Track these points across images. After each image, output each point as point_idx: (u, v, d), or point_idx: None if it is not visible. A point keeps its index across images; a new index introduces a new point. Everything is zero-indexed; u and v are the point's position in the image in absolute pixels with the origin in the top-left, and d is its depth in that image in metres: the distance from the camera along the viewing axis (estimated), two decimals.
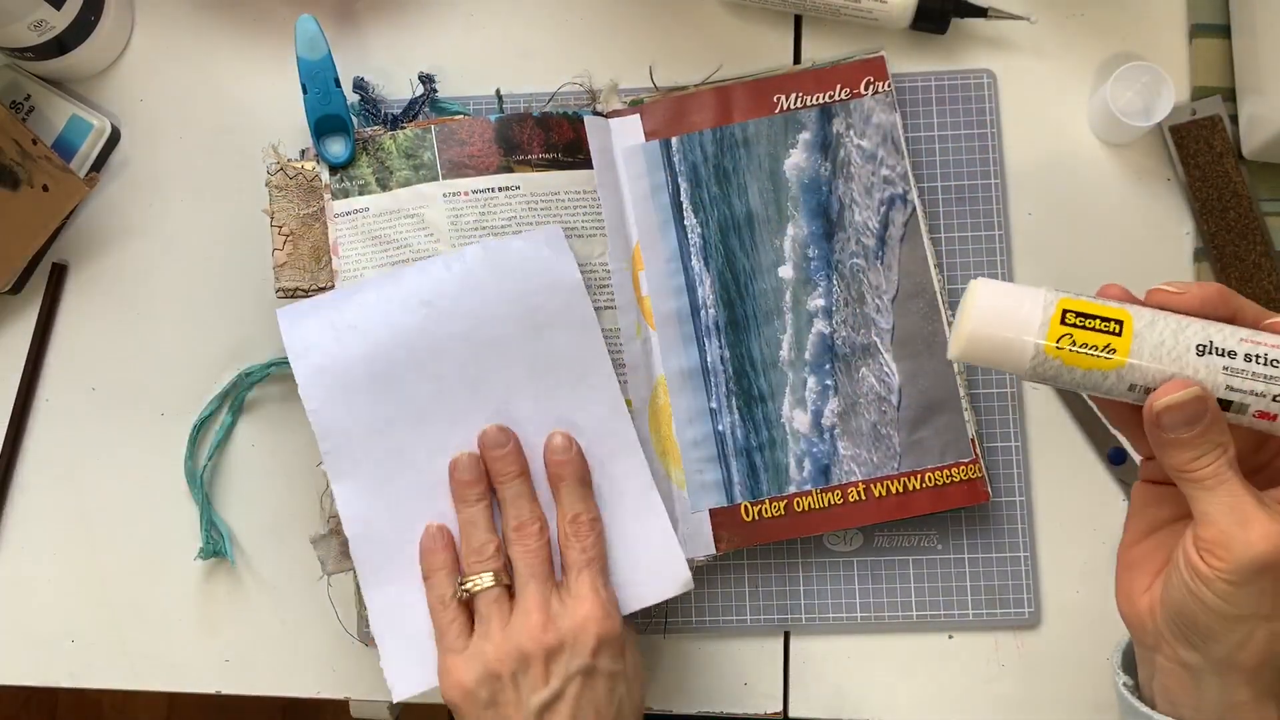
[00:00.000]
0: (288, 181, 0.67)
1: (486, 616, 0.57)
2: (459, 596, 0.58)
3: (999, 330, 0.46)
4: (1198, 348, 0.44)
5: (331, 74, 0.66)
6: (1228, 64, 0.69)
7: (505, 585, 0.58)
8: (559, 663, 0.55)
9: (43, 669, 0.70)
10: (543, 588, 0.57)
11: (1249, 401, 0.44)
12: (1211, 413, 0.43)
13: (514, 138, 0.66)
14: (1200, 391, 0.43)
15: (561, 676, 0.55)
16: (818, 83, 0.69)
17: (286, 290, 0.66)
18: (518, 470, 0.61)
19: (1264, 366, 0.44)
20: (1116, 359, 0.45)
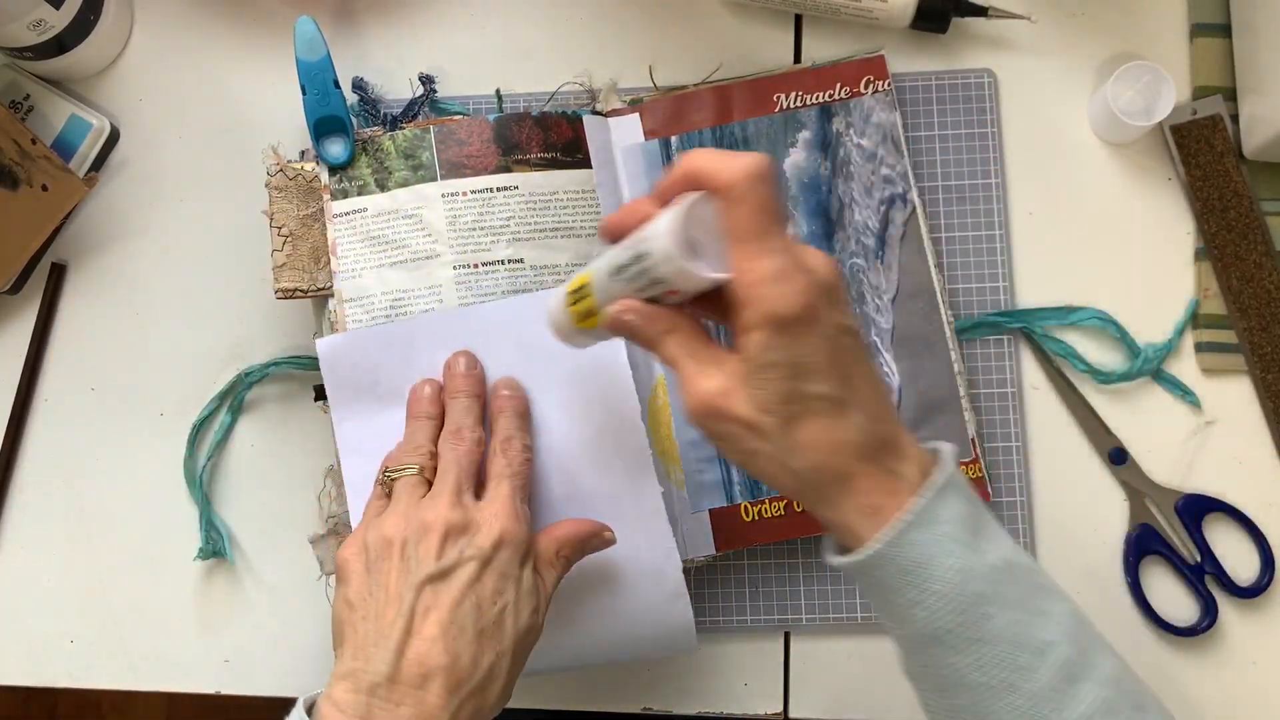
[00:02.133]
0: (287, 182, 0.67)
1: (399, 496, 0.57)
2: (381, 485, 0.58)
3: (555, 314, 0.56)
4: (614, 271, 0.51)
5: (330, 75, 0.66)
6: (1228, 64, 0.69)
7: (426, 480, 0.57)
8: (455, 543, 0.54)
9: (43, 669, 0.70)
10: (460, 479, 0.56)
11: (657, 293, 0.50)
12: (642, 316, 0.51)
13: (512, 137, 0.66)
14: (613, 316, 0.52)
15: (455, 556, 0.53)
16: (817, 82, 0.69)
17: (286, 291, 0.66)
18: (471, 391, 0.61)
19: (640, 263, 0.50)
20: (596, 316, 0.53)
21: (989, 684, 0.47)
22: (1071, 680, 0.47)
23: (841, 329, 0.48)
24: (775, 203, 0.47)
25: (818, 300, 0.47)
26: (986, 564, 0.48)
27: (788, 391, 0.47)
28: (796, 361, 0.47)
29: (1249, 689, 0.66)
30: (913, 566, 0.47)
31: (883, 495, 0.48)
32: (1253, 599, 0.66)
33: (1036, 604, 0.48)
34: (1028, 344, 0.68)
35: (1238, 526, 0.67)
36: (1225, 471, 0.67)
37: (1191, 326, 0.68)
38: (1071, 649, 0.47)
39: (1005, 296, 0.68)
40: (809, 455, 0.48)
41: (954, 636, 0.47)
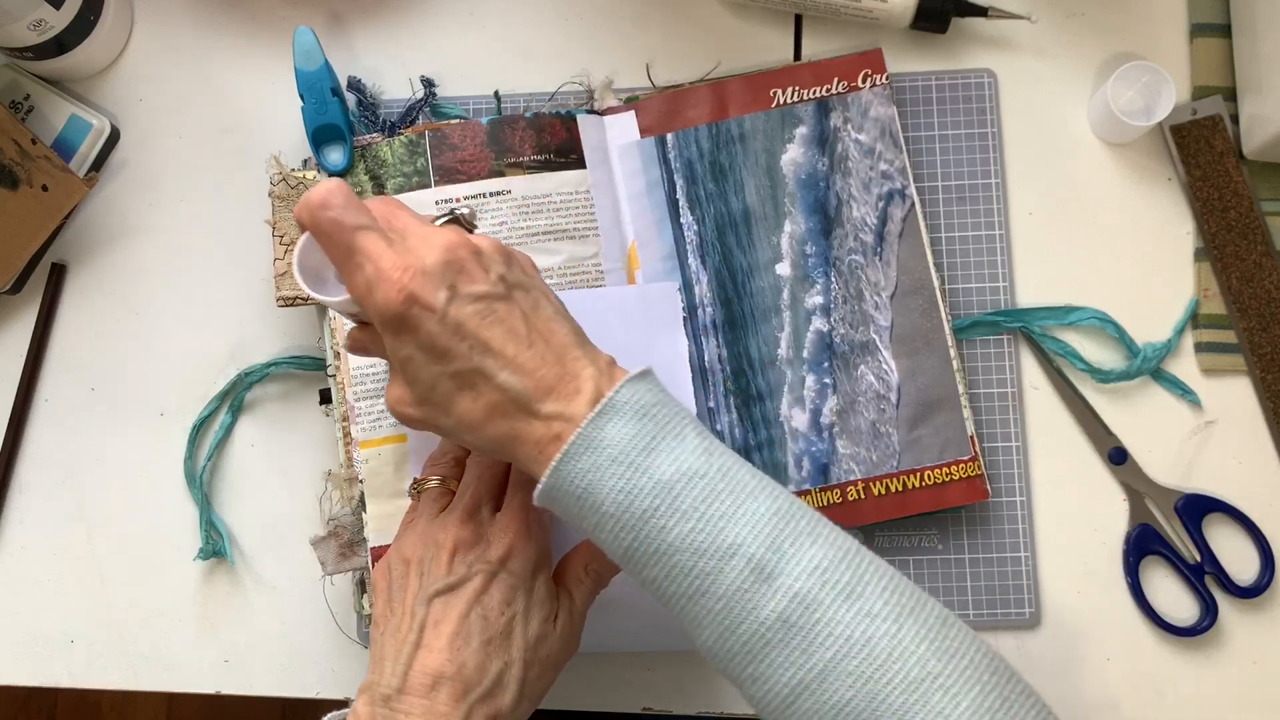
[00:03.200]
0: (289, 191, 0.67)
1: (421, 512, 0.59)
2: (410, 494, 0.61)
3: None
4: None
5: (328, 84, 0.66)
6: (1228, 64, 0.69)
7: (450, 490, 0.59)
8: (464, 557, 0.55)
9: (43, 669, 0.70)
10: (478, 495, 0.58)
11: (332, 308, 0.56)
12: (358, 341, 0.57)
13: (505, 140, 0.66)
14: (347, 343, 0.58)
15: (463, 570, 0.55)
16: (814, 76, 0.68)
17: (287, 299, 0.66)
18: None
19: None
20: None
21: (681, 593, 0.49)
22: (763, 579, 0.47)
23: (465, 300, 0.50)
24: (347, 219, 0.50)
25: (419, 289, 0.49)
26: (656, 479, 0.48)
27: (430, 379, 0.51)
28: (424, 350, 0.50)
29: (1249, 689, 0.66)
30: (581, 493, 0.49)
31: (547, 440, 0.50)
32: (1253, 599, 0.66)
33: (720, 509, 0.48)
34: (1027, 343, 0.68)
35: (1238, 526, 0.67)
36: (1225, 471, 0.67)
37: (1191, 326, 0.68)
38: (762, 548, 0.48)
39: (1005, 296, 0.68)
40: (472, 428, 0.51)
41: (638, 553, 0.49)
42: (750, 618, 0.47)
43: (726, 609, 0.48)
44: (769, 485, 0.50)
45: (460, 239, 0.51)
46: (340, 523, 0.66)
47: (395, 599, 0.56)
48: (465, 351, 0.50)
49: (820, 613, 0.47)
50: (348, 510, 0.66)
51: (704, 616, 0.49)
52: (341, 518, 0.66)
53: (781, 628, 0.47)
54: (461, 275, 0.50)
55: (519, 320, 0.51)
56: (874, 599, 0.47)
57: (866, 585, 0.48)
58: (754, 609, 0.47)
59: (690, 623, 0.50)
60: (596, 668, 0.68)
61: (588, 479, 0.49)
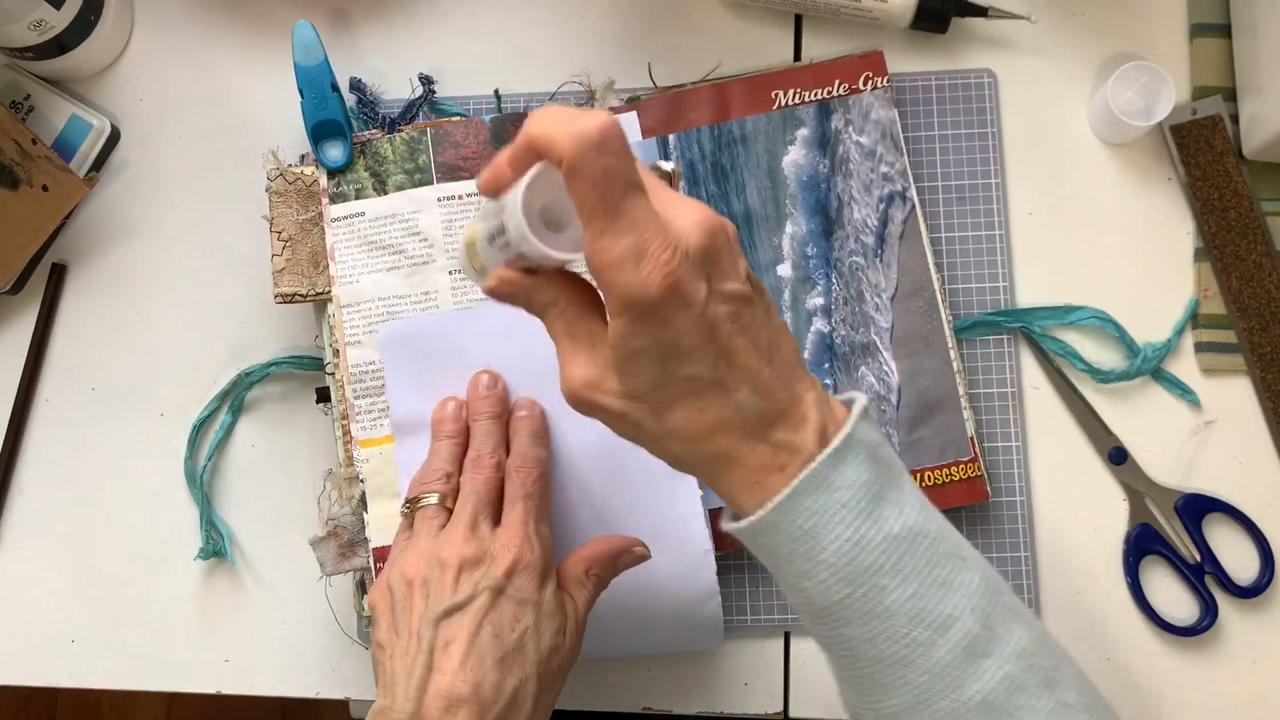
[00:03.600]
0: (287, 187, 0.67)
1: (419, 530, 0.58)
2: (404, 514, 0.60)
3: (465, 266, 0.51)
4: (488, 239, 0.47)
5: (328, 79, 0.66)
6: (1228, 63, 0.69)
7: (446, 508, 0.59)
8: (470, 575, 0.55)
9: (43, 669, 0.70)
10: (477, 510, 0.57)
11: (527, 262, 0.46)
12: (520, 289, 0.47)
13: (508, 138, 0.66)
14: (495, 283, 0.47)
15: (470, 589, 0.54)
16: (816, 78, 0.68)
17: (285, 295, 0.66)
18: (492, 412, 0.62)
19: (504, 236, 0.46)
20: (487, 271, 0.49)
21: (883, 658, 0.45)
22: (973, 656, 0.44)
23: (718, 297, 0.44)
24: (622, 171, 0.42)
25: (681, 276, 0.42)
26: (885, 533, 0.44)
27: (656, 378, 0.44)
28: (664, 347, 0.43)
29: (1249, 689, 0.66)
30: (801, 535, 0.44)
31: (769, 469, 0.45)
32: (1253, 599, 0.66)
33: (940, 575, 0.45)
34: (1027, 343, 0.68)
35: (1238, 526, 0.67)
36: (1225, 471, 0.67)
37: (1191, 326, 0.68)
38: (976, 623, 0.45)
39: (1005, 296, 0.68)
40: (686, 440, 0.46)
41: (846, 609, 0.45)
42: (954, 695, 0.45)
43: (930, 683, 0.45)
44: (972, 550, 0.47)
45: (719, 219, 0.44)
46: (340, 523, 0.66)
47: (400, 621, 0.55)
48: (711, 358, 0.44)
49: (1023, 699, 0.45)
50: (348, 510, 0.66)
51: (899, 686, 0.45)
52: (341, 517, 0.66)
53: (983, 710, 0.45)
54: (717, 266, 0.44)
55: (762, 329, 0.45)
56: (1069, 689, 0.46)
57: (1062, 673, 0.46)
58: (959, 687, 0.45)
59: (875, 688, 0.46)
60: (596, 668, 0.68)
61: (814, 520, 0.44)
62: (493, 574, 0.55)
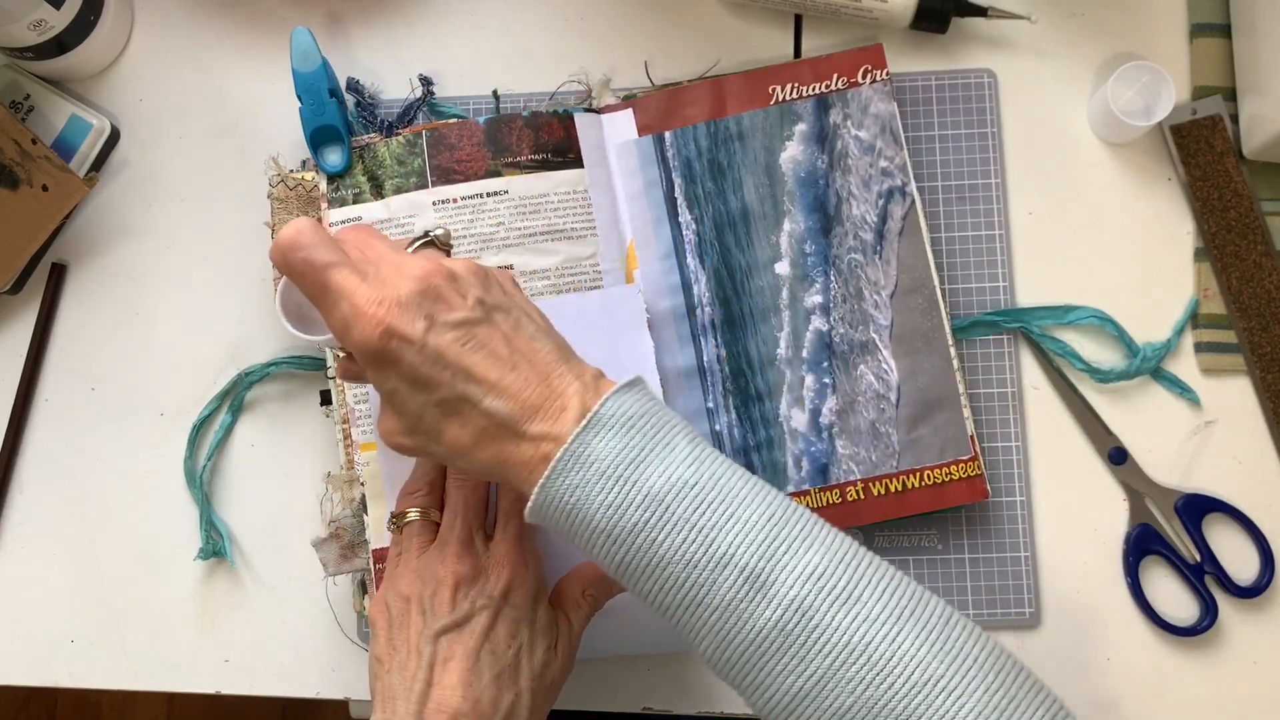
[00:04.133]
0: (288, 193, 0.67)
1: (406, 547, 0.59)
2: (390, 529, 0.60)
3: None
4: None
5: (326, 85, 0.66)
6: (1228, 63, 0.69)
7: (432, 521, 0.59)
8: (467, 592, 0.55)
9: (43, 669, 0.70)
10: (468, 524, 0.58)
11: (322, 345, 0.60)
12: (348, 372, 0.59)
13: (503, 140, 0.66)
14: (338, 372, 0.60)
15: (468, 606, 0.55)
16: (814, 72, 0.68)
17: None
18: None
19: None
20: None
21: (676, 604, 0.49)
22: (758, 587, 0.47)
23: (443, 327, 0.50)
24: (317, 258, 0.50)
25: (396, 322, 0.49)
26: (644, 492, 0.48)
27: (417, 409, 0.51)
28: (408, 382, 0.50)
29: (1249, 689, 0.66)
30: (570, 510, 0.49)
31: (536, 461, 0.50)
32: (1253, 599, 0.66)
33: (711, 519, 0.48)
34: (1027, 343, 0.68)
35: (1238, 526, 0.67)
36: (1225, 471, 0.67)
37: (1191, 326, 0.68)
38: (755, 556, 0.47)
39: (1005, 296, 0.68)
40: (463, 454, 0.51)
41: (631, 567, 0.49)
42: (746, 627, 0.47)
43: (722, 619, 0.48)
44: (763, 491, 0.49)
45: (434, 265, 0.51)
46: (341, 524, 0.66)
47: (398, 638, 0.56)
48: (448, 380, 0.50)
49: (817, 619, 0.46)
50: (348, 512, 0.66)
51: (701, 628, 0.48)
52: (342, 519, 0.66)
53: (779, 636, 0.47)
54: (439, 303, 0.50)
55: (500, 343, 0.51)
56: (872, 603, 0.47)
57: (864, 589, 0.47)
58: (749, 618, 0.47)
59: (689, 634, 0.49)
60: (596, 668, 0.68)
61: (576, 495, 0.49)
62: (489, 592, 0.56)
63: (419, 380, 0.50)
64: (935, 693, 0.45)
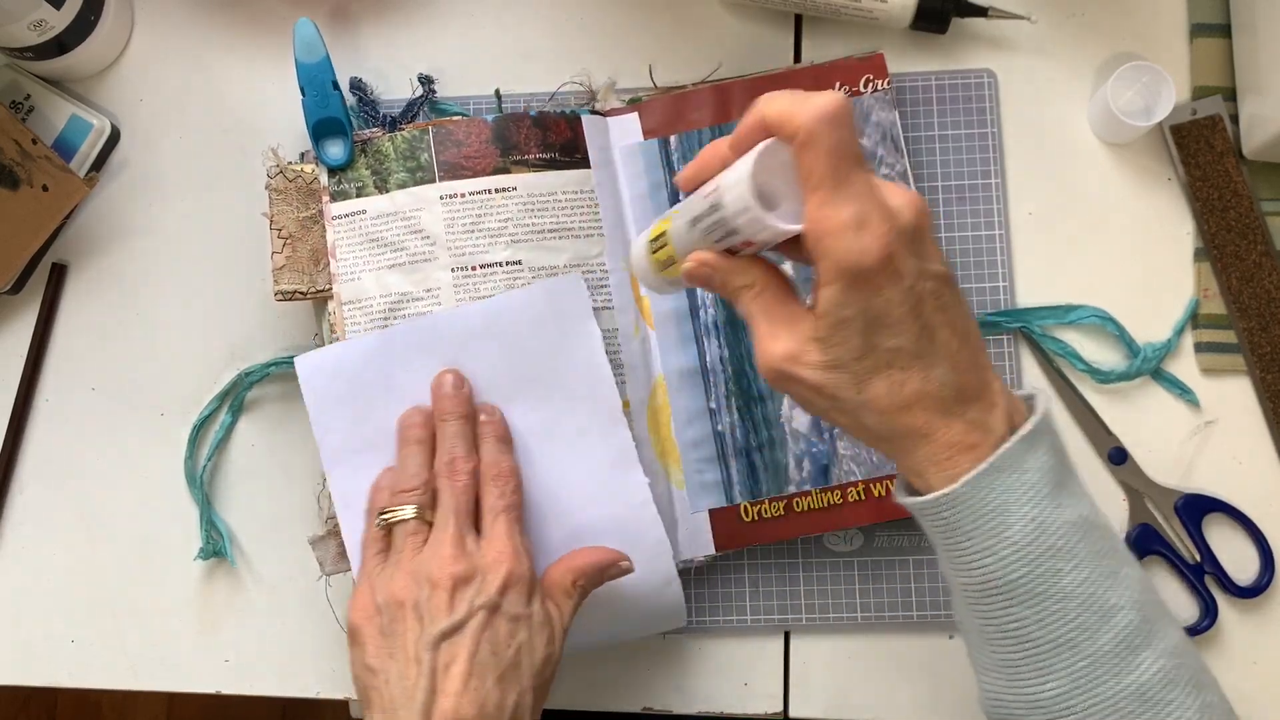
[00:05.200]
0: (287, 185, 0.67)
1: (400, 547, 0.57)
2: (379, 526, 0.59)
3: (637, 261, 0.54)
4: (691, 221, 0.49)
5: (329, 77, 0.66)
6: (1228, 64, 0.69)
7: (426, 521, 0.58)
8: (464, 594, 0.54)
9: (43, 669, 0.70)
10: (460, 524, 0.57)
11: (733, 244, 0.48)
12: (718, 270, 0.49)
13: (510, 138, 0.66)
14: (689, 270, 0.50)
15: (465, 608, 0.54)
16: (816, 81, 0.68)
17: (285, 293, 0.66)
18: (460, 413, 0.61)
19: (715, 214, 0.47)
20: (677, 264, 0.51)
21: (1051, 640, 0.47)
22: (1133, 647, 0.46)
23: (924, 274, 0.46)
24: (851, 146, 0.45)
25: (897, 248, 0.44)
26: (1064, 518, 0.46)
27: (860, 348, 0.46)
28: (872, 316, 0.45)
29: (1249, 689, 0.66)
30: (990, 511, 0.46)
31: (961, 447, 0.47)
32: (1253, 599, 0.66)
33: (1109, 566, 0.47)
34: (1027, 344, 0.68)
35: (1238, 526, 0.67)
36: (1225, 471, 0.67)
37: (1191, 326, 0.68)
38: (1137, 615, 0.47)
39: (1005, 296, 0.68)
40: (882, 412, 0.47)
41: (1021, 589, 0.46)
42: (1111, 682, 0.46)
43: (1091, 669, 0.46)
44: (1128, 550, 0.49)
45: (924, 202, 0.47)
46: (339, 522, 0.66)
47: (394, 645, 0.55)
48: (915, 331, 0.46)
49: (1174, 694, 0.46)
50: None
51: (1063, 668, 0.47)
52: None
53: (1138, 701, 0.46)
54: (924, 246, 0.46)
55: (959, 312, 0.47)
56: (1212, 692, 0.48)
57: (1206, 675, 0.48)
58: (1117, 675, 0.46)
59: (1034, 671, 0.47)
60: (596, 668, 0.68)
61: (1004, 498, 0.46)
62: (486, 592, 0.55)
63: (888, 319, 0.45)
64: None
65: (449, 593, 0.54)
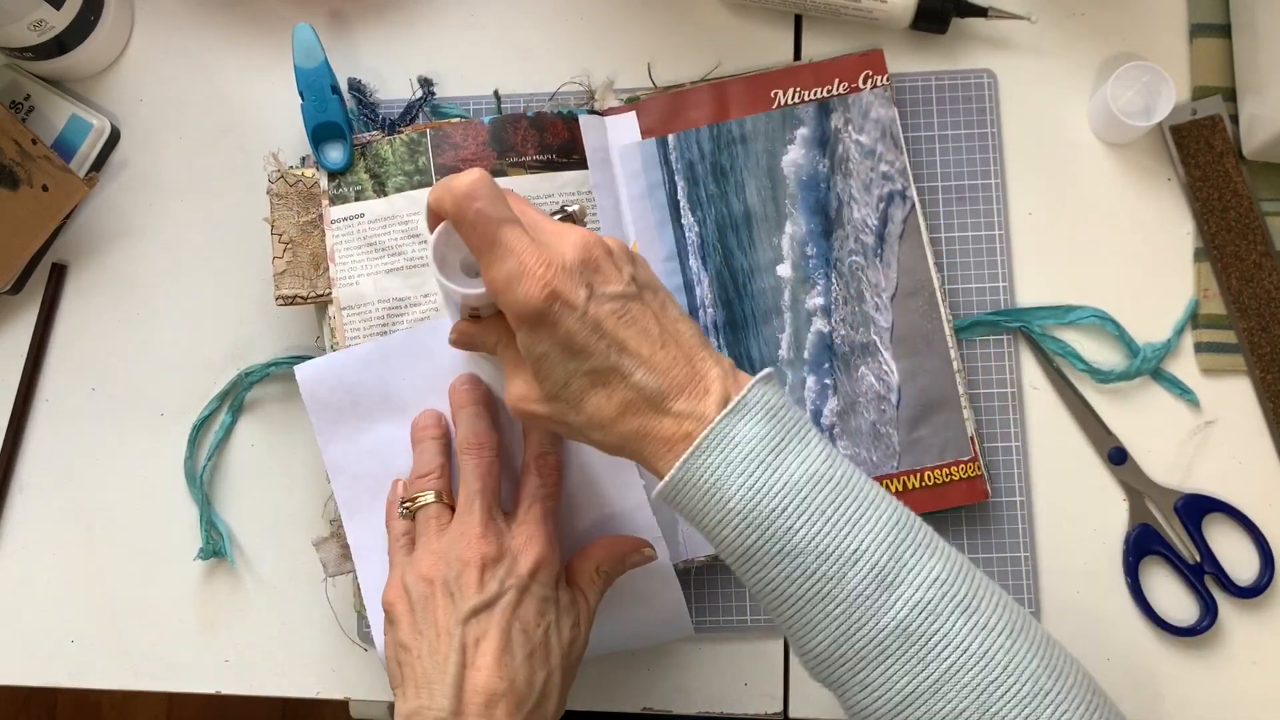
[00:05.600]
0: (288, 189, 0.67)
1: (424, 530, 0.59)
2: (403, 516, 0.60)
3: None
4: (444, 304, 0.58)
5: (328, 81, 0.66)
6: (1228, 64, 0.69)
7: (447, 505, 0.59)
8: (494, 573, 0.56)
9: (43, 669, 0.70)
10: (488, 504, 0.58)
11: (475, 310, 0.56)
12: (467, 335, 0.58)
13: (508, 140, 0.66)
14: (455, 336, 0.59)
15: (496, 587, 0.55)
16: (815, 78, 0.68)
17: (286, 298, 0.66)
18: (478, 401, 0.62)
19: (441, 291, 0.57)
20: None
21: (802, 594, 0.49)
22: (884, 586, 0.48)
23: (600, 299, 0.50)
24: (493, 211, 0.50)
25: (561, 286, 0.49)
26: (785, 479, 0.48)
27: (563, 376, 0.51)
28: (562, 348, 0.50)
29: (1249, 689, 0.66)
30: (709, 488, 0.49)
31: (677, 438, 0.50)
32: (1253, 599, 0.66)
33: (845, 514, 0.48)
34: (1027, 343, 0.68)
35: (1237, 526, 0.67)
36: (1225, 471, 0.67)
37: (1191, 326, 0.68)
38: (884, 555, 0.48)
39: (1005, 296, 0.68)
40: (602, 426, 0.51)
41: (761, 552, 0.49)
42: (870, 624, 0.48)
43: (846, 613, 0.48)
44: (886, 496, 0.50)
45: (593, 237, 0.51)
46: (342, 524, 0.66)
47: (423, 622, 0.56)
48: (603, 349, 0.50)
49: (939, 623, 0.47)
50: None
51: (821, 620, 0.49)
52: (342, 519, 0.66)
53: (900, 636, 0.47)
54: (598, 274, 0.51)
55: (651, 320, 0.51)
56: (989, 613, 0.48)
57: (981, 600, 0.48)
58: (875, 615, 0.48)
59: (803, 627, 0.49)
60: (596, 668, 0.68)
61: (717, 474, 0.49)
62: (517, 572, 0.56)
63: (574, 347, 0.50)
64: (1044, 705, 0.47)
65: (479, 571, 0.56)
